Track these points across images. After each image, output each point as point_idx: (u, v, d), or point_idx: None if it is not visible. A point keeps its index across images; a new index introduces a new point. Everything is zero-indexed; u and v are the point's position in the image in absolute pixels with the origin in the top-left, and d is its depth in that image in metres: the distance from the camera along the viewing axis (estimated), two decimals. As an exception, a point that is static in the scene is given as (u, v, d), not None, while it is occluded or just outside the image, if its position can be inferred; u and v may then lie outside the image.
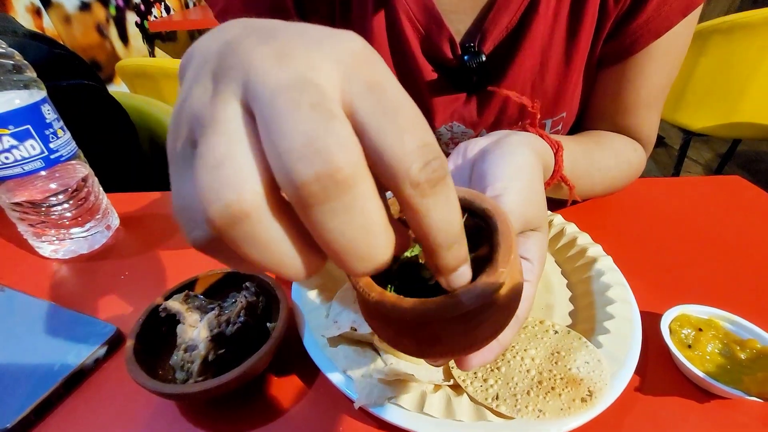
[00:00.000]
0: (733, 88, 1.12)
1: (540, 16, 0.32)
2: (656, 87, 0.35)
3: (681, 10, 0.31)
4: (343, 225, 0.08)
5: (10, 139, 0.27)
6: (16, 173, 0.29)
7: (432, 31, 0.32)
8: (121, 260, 0.33)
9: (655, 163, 1.77)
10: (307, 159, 0.07)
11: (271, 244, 0.09)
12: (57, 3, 1.06)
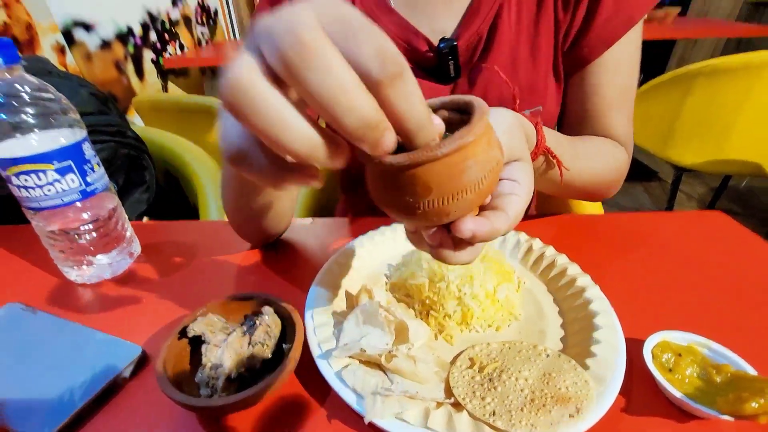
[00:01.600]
0: (719, 126, 1.17)
1: (504, 23, 0.38)
2: (618, 89, 0.40)
3: (624, 24, 0.37)
4: (320, 81, 0.11)
5: (54, 174, 0.30)
6: (55, 204, 0.31)
7: (411, 40, 0.39)
8: (142, 285, 0.35)
9: (649, 196, 1.81)
10: (283, 37, 0.11)
11: (271, 109, 0.12)
12: (80, 41, 1.13)
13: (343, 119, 0.12)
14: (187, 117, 0.90)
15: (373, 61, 0.12)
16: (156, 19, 1.48)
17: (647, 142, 1.34)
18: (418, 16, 0.40)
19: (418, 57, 0.39)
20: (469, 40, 0.39)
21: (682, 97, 1.20)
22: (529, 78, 0.39)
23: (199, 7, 1.81)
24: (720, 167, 1.23)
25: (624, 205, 1.75)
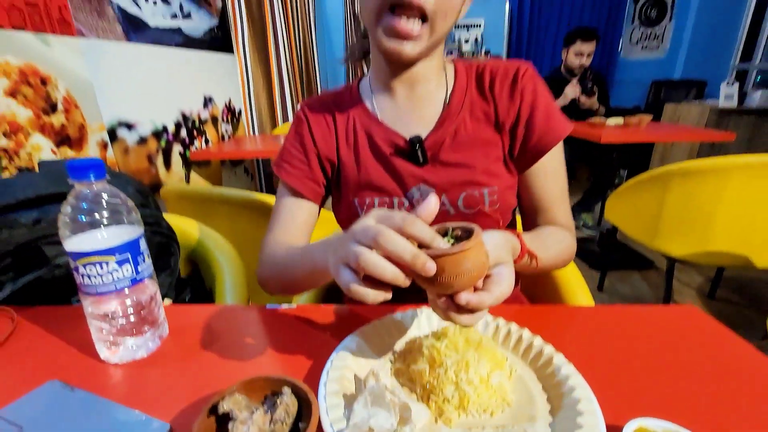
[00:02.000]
0: (700, 221, 1.26)
1: (462, 132, 0.52)
2: (558, 190, 0.54)
3: (552, 141, 0.51)
4: (392, 247, 0.28)
5: (114, 265, 0.36)
6: (109, 290, 0.37)
7: (393, 139, 0.53)
8: (169, 365, 0.39)
9: (647, 285, 1.84)
10: (369, 232, 0.29)
11: (380, 263, 0.28)
12: (121, 138, 1.28)
13: (403, 259, 0.28)
14: (209, 206, 0.99)
15: (364, 237, 0.29)
16: (188, 119, 1.69)
17: (637, 233, 1.42)
18: (399, 126, 0.53)
19: (398, 148, 0.53)
20: (435, 140, 0.52)
21: (662, 193, 1.30)
22: (484, 165, 0.52)
23: (226, 108, 2.05)
24: (709, 259, 1.29)
25: (623, 293, 1.77)
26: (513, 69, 0.52)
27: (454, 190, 0.51)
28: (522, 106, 0.51)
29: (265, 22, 2.27)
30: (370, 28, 0.46)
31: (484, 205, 0.51)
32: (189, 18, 1.67)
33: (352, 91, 0.57)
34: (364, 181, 0.53)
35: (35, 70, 0.97)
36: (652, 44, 3.60)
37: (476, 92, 0.53)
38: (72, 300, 0.55)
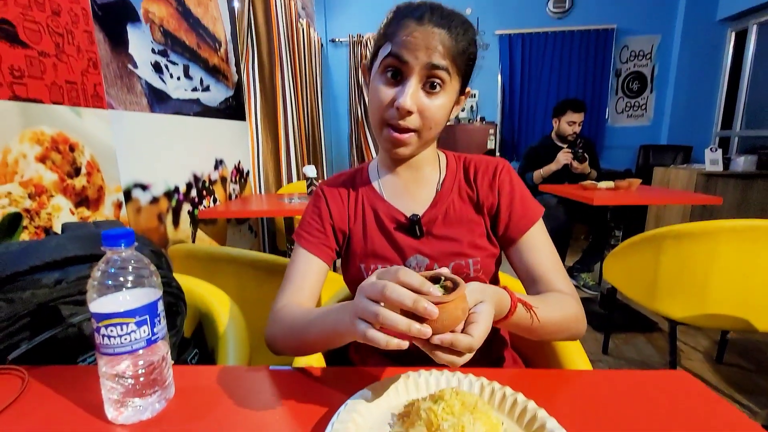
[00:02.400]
0: (696, 283, 1.27)
1: (451, 211, 0.62)
2: (549, 260, 0.59)
3: (528, 223, 0.60)
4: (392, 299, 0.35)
5: (133, 326, 0.39)
6: (125, 351, 0.39)
7: (395, 215, 0.63)
8: (175, 427, 0.40)
9: (653, 347, 1.80)
10: (377, 291, 0.36)
11: (394, 317, 0.35)
12: (135, 198, 1.35)
13: (405, 305, 0.35)
14: (215, 265, 1.02)
15: (377, 294, 0.36)
16: (199, 180, 1.77)
17: (635, 294, 1.43)
18: (400, 203, 0.64)
19: (399, 223, 0.63)
20: (429, 218, 0.62)
21: (656, 255, 1.33)
22: (469, 239, 0.61)
23: (235, 169, 2.16)
24: (710, 322, 1.28)
25: (629, 357, 1.73)
26: (493, 165, 0.64)
27: (444, 260, 0.60)
28: (501, 196, 0.62)
29: (276, 93, 2.47)
30: (376, 134, 0.60)
31: (469, 273, 0.60)
32: (207, 90, 1.83)
33: (363, 173, 0.68)
34: (370, 250, 0.62)
35: (66, 138, 1.05)
36: (637, 113, 3.85)
37: (463, 179, 0.64)
38: (78, 359, 0.57)
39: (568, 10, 3.67)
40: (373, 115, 0.58)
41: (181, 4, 1.61)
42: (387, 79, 0.55)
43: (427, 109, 0.54)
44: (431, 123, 0.55)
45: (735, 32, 3.49)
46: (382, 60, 0.55)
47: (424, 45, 0.52)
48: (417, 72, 0.53)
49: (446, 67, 0.53)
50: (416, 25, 0.53)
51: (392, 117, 0.54)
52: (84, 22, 1.10)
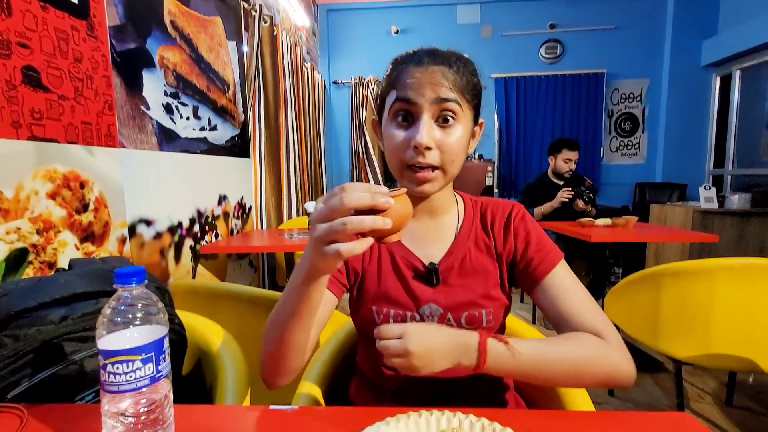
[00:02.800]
0: (698, 322, 1.27)
1: (467, 259, 0.61)
2: (578, 297, 0.56)
3: (549, 264, 0.58)
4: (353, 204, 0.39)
5: (138, 363, 0.40)
6: (130, 388, 0.39)
7: (413, 262, 0.62)
8: (173, 470, 0.39)
9: (660, 389, 1.75)
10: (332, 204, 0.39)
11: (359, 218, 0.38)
12: (139, 234, 1.37)
13: (367, 202, 0.38)
14: (216, 301, 1.03)
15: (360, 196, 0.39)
16: (202, 215, 1.80)
17: (638, 333, 1.41)
18: (418, 248, 0.63)
19: (417, 271, 0.61)
20: (446, 266, 0.61)
21: (656, 293, 1.33)
22: (484, 289, 0.60)
23: (238, 204, 2.20)
24: (715, 362, 1.26)
25: (636, 399, 1.68)
26: (507, 211, 0.63)
27: (458, 310, 0.59)
28: (517, 242, 0.61)
29: (280, 131, 2.56)
30: (396, 176, 0.59)
31: (482, 324, 0.59)
32: (215, 129, 1.90)
33: None
34: (383, 293, 0.61)
35: (77, 175, 1.09)
36: (631, 151, 3.95)
37: (480, 227, 0.63)
38: (77, 398, 0.56)
39: (559, 56, 3.87)
40: (392, 160, 0.57)
41: (194, 50, 1.71)
42: (398, 123, 0.55)
43: (444, 143, 0.54)
44: (452, 156, 0.55)
45: (720, 77, 3.66)
46: (391, 107, 0.56)
47: (428, 82, 0.53)
48: (427, 109, 0.53)
49: (455, 98, 0.53)
50: (416, 68, 0.54)
51: (411, 158, 0.54)
52: (103, 68, 1.17)
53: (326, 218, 0.39)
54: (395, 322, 0.59)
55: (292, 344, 0.51)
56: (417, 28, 3.92)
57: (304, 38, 3.45)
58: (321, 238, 0.39)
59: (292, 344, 0.51)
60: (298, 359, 0.54)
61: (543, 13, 3.81)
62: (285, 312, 0.50)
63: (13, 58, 0.90)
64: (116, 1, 1.24)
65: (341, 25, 4.01)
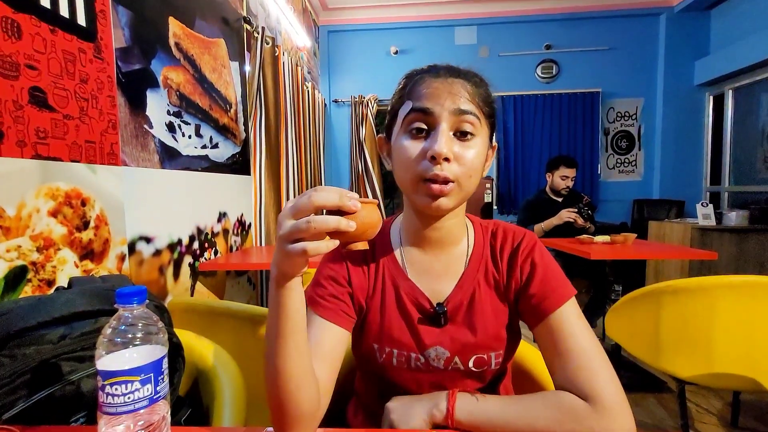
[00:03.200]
0: (699, 340, 1.26)
1: (477, 297, 0.57)
2: (578, 346, 0.50)
3: (552, 306, 0.53)
4: (320, 203, 0.39)
5: (137, 384, 0.40)
6: (127, 410, 0.39)
7: (419, 299, 0.58)
8: (169, 494, 0.39)
9: (664, 410, 1.72)
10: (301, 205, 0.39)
11: (323, 218, 0.38)
12: (139, 251, 1.37)
13: (333, 202, 0.39)
14: (214, 319, 1.02)
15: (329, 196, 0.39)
16: (202, 232, 1.80)
17: (639, 352, 1.40)
18: (424, 283, 0.59)
19: (423, 311, 0.58)
20: (454, 305, 0.57)
21: (656, 311, 1.33)
22: (494, 331, 0.56)
23: (238, 221, 2.20)
24: (718, 382, 1.25)
25: (640, 420, 1.65)
26: (516, 242, 0.58)
27: (466, 353, 0.56)
28: (522, 277, 0.56)
29: (280, 149, 2.59)
30: (408, 193, 0.54)
31: (490, 367, 0.57)
32: (216, 147, 1.92)
33: (384, 235, 0.62)
34: (386, 331, 0.57)
35: (79, 193, 1.10)
36: (628, 168, 3.99)
37: (490, 258, 0.59)
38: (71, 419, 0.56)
39: (555, 76, 3.95)
40: (404, 175, 0.52)
41: (198, 71, 1.74)
42: (413, 135, 0.52)
43: (462, 156, 0.50)
44: (470, 171, 0.51)
45: (713, 96, 3.73)
46: (404, 118, 0.52)
47: (447, 92, 0.50)
48: (445, 119, 0.50)
49: (474, 112, 0.51)
50: (434, 79, 0.52)
51: (427, 170, 0.50)
52: (108, 88, 1.20)
53: (293, 216, 0.39)
54: (398, 361, 0.57)
55: (289, 373, 0.45)
56: (416, 48, 4.01)
57: (305, 58, 3.52)
58: (286, 236, 0.38)
59: (290, 373, 0.45)
60: (306, 394, 0.46)
61: (538, 34, 3.91)
62: (271, 337, 0.45)
63: (21, 79, 0.92)
64: (123, 24, 1.28)
65: (341, 46, 4.10)
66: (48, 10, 0.98)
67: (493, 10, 3.88)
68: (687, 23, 3.71)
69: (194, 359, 0.77)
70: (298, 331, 0.45)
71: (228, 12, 2.05)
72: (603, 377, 0.47)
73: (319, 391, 0.49)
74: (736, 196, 3.54)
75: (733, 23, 3.44)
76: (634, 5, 3.76)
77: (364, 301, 0.59)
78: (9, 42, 0.89)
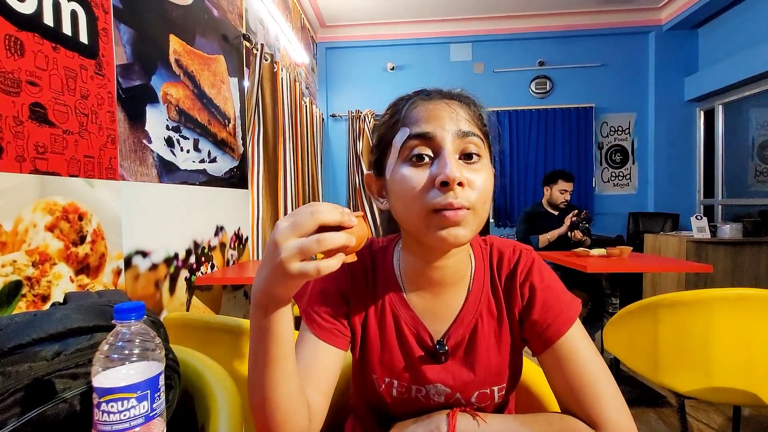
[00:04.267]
0: (698, 353, 1.25)
1: (479, 330, 0.54)
2: (586, 372, 0.49)
3: (562, 328, 0.51)
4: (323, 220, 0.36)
5: (133, 401, 0.39)
6: (123, 428, 0.39)
7: (420, 332, 0.55)
8: None
9: (664, 424, 1.70)
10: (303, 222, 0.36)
11: (333, 234, 0.36)
12: (135, 265, 1.36)
13: (336, 220, 0.37)
14: (211, 335, 1.01)
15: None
16: (199, 246, 1.80)
17: (638, 366, 1.39)
18: (425, 314, 0.56)
19: (423, 345, 0.55)
20: (455, 340, 0.54)
21: (654, 324, 1.33)
22: (496, 365, 0.54)
23: (235, 235, 2.20)
24: (718, 396, 1.24)
25: (641, 436, 1.63)
26: (513, 263, 0.56)
27: (468, 390, 0.54)
28: (522, 302, 0.54)
29: (278, 163, 2.60)
30: (416, 231, 0.48)
31: (493, 401, 0.55)
32: (214, 161, 1.93)
33: (386, 259, 0.59)
34: (387, 363, 0.55)
35: (77, 207, 1.10)
36: (623, 182, 4.03)
37: (490, 284, 0.56)
38: (63, 439, 0.54)
39: (549, 91, 4.02)
40: (411, 208, 0.46)
41: (197, 86, 1.77)
42: (413, 163, 0.47)
43: (473, 181, 0.45)
44: (484, 196, 0.46)
45: (703, 111, 3.81)
46: (402, 147, 0.47)
47: (445, 115, 0.46)
48: (449, 142, 0.45)
49: (477, 133, 0.47)
50: (427, 101, 0.48)
51: (438, 199, 0.44)
52: (108, 104, 1.21)
53: (296, 235, 0.35)
54: (398, 393, 0.55)
55: (278, 401, 0.43)
56: (412, 64, 4.08)
57: (303, 74, 3.57)
58: (291, 257, 0.35)
59: (279, 401, 0.43)
60: (296, 423, 0.45)
61: (531, 51, 4.00)
62: (258, 365, 0.43)
63: (22, 96, 0.93)
64: (125, 42, 1.30)
65: (339, 62, 4.17)
66: (51, 28, 1.00)
67: (488, 28, 3.97)
68: (675, 41, 3.81)
69: (189, 376, 0.76)
70: (287, 357, 0.43)
71: (228, 30, 2.09)
72: (612, 404, 0.47)
73: (310, 416, 0.47)
74: (729, 209, 3.57)
75: (720, 41, 3.54)
76: (624, 24, 3.86)
77: (360, 326, 0.56)
78: (11, 59, 0.90)
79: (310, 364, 0.52)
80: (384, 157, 0.51)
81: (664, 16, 3.78)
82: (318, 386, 0.51)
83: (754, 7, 3.17)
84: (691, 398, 1.28)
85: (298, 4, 3.43)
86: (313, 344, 0.53)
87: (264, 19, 2.64)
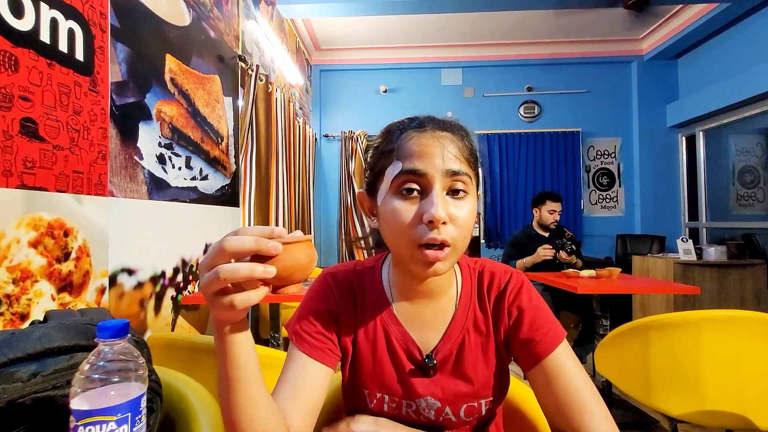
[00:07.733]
0: (689, 376, 1.25)
1: (466, 344, 0.57)
2: (574, 386, 0.50)
3: (550, 346, 0.53)
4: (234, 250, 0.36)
5: (113, 425, 0.38)
6: (101, 453, 0.37)
7: (410, 347, 0.57)
8: None
9: (658, 450, 1.68)
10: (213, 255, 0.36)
11: (233, 266, 0.35)
12: (120, 283, 1.33)
13: (248, 248, 0.35)
14: (196, 356, 0.98)
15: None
16: (187, 264, 1.77)
17: (630, 388, 1.38)
18: (414, 329, 0.58)
19: (413, 360, 0.57)
20: (443, 355, 0.56)
21: (644, 346, 1.33)
22: (484, 378, 0.56)
23: (224, 254, 2.17)
24: (710, 420, 1.23)
25: (635, 462, 1.60)
26: (501, 285, 0.58)
27: (457, 402, 0.56)
28: (510, 322, 0.56)
29: (270, 182, 2.60)
30: (401, 258, 0.51)
31: (481, 414, 0.57)
32: (206, 179, 1.92)
33: (374, 276, 0.61)
34: (378, 378, 0.56)
35: (63, 223, 1.08)
36: (610, 204, 4.11)
37: (477, 303, 0.58)
38: (36, 467, 0.52)
39: (537, 116, 4.13)
40: (398, 239, 0.49)
41: (191, 105, 1.78)
42: (403, 196, 0.49)
43: (457, 217, 0.48)
44: (465, 232, 0.49)
45: (685, 137, 3.94)
46: (394, 179, 0.49)
47: (436, 152, 0.49)
48: (438, 180, 0.48)
49: (465, 171, 0.50)
50: (420, 135, 0.50)
51: (423, 234, 0.47)
52: (101, 120, 1.21)
53: (209, 265, 0.35)
54: (389, 407, 0.57)
55: (244, 426, 0.43)
56: (404, 88, 4.17)
57: (297, 95, 3.63)
58: (205, 289, 0.35)
59: (244, 426, 0.43)
60: None
61: (520, 77, 4.13)
62: (221, 387, 0.43)
63: (13, 110, 0.92)
64: (120, 60, 1.31)
65: (333, 84, 4.24)
66: (47, 45, 1.01)
67: (478, 55, 4.10)
68: (656, 70, 3.97)
69: (172, 398, 0.73)
70: (248, 380, 0.42)
71: (224, 50, 2.13)
72: (597, 416, 0.49)
73: None
74: (714, 231, 3.65)
75: (699, 71, 3.70)
76: (607, 53, 4.03)
77: (351, 343, 0.58)
78: (5, 74, 0.90)
79: (296, 383, 0.52)
80: (377, 182, 0.53)
81: (645, 47, 3.96)
82: (304, 405, 0.51)
83: (730, 39, 3.35)
84: (684, 422, 1.27)
85: (294, 28, 3.52)
86: (302, 362, 0.53)
87: (260, 41, 2.69)
